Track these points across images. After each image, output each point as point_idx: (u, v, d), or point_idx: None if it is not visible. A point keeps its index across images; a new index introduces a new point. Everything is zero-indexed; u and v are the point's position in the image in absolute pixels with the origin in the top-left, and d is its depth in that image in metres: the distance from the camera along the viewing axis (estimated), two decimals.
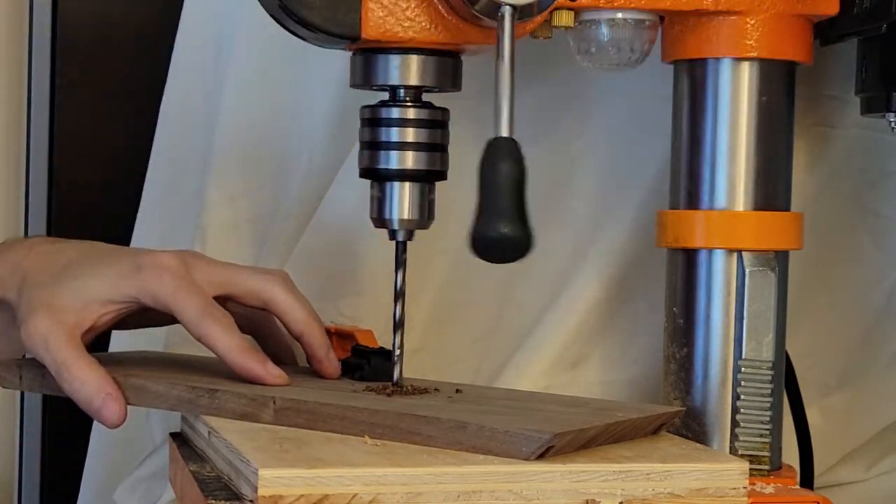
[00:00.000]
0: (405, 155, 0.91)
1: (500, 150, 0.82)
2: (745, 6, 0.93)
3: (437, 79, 0.92)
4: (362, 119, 0.92)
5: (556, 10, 0.92)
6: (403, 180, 0.91)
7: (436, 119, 0.92)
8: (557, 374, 1.14)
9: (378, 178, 0.92)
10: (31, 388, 0.96)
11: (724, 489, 0.81)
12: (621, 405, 0.94)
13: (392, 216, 0.92)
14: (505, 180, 0.81)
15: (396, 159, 0.91)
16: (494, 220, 0.80)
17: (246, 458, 0.77)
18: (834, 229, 1.14)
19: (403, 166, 0.91)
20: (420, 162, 0.91)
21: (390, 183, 0.91)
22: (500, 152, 0.82)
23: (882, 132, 1.08)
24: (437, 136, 0.92)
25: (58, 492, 1.32)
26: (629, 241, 1.13)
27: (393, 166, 0.91)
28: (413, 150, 0.91)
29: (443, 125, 0.92)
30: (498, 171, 0.81)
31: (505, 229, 0.80)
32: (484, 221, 0.81)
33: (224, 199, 1.18)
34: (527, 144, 1.14)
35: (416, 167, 0.91)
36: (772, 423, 0.96)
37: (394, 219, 0.92)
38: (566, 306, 1.13)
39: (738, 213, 0.96)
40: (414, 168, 0.91)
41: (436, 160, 0.92)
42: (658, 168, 1.10)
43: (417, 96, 0.92)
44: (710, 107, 0.96)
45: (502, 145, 0.82)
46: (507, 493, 0.77)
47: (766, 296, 0.95)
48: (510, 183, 0.81)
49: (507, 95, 0.83)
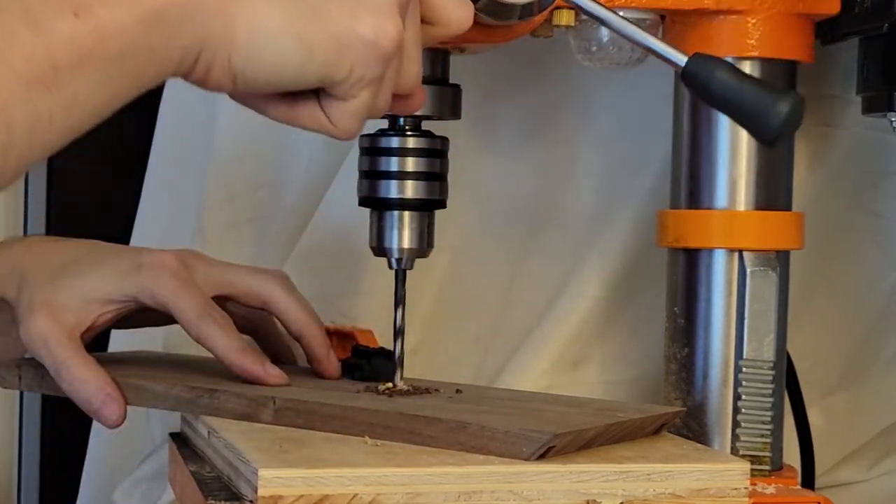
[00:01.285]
0: (405, 184, 0.91)
1: (708, 63, 0.80)
2: (747, 5, 0.93)
3: (437, 108, 0.92)
4: (361, 148, 0.93)
5: (556, 10, 0.92)
6: (403, 209, 0.91)
7: (435, 148, 0.92)
8: (559, 374, 1.14)
9: (378, 207, 0.92)
10: (31, 387, 0.96)
11: (725, 489, 0.81)
12: (622, 405, 0.93)
13: (392, 245, 0.92)
14: (737, 77, 0.80)
15: (396, 188, 0.91)
16: (776, 99, 0.78)
17: (246, 458, 0.77)
18: (834, 229, 1.14)
19: (403, 195, 0.91)
20: (420, 191, 0.91)
21: (390, 212, 0.92)
22: (710, 65, 0.80)
23: (883, 132, 1.08)
24: (436, 166, 0.92)
25: (57, 492, 1.32)
26: (630, 241, 1.13)
27: (393, 195, 0.91)
28: (413, 179, 0.91)
29: (442, 154, 0.93)
30: (736, 74, 0.80)
31: (786, 106, 0.78)
32: (770, 103, 0.78)
33: (223, 200, 1.18)
34: (527, 144, 1.15)
35: (416, 196, 0.91)
36: (773, 423, 0.96)
37: (394, 248, 0.92)
38: (567, 306, 1.13)
39: (738, 213, 0.96)
40: (414, 197, 0.91)
41: (435, 189, 0.92)
42: (658, 168, 1.10)
43: (417, 125, 0.92)
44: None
45: (707, 60, 0.80)
46: (508, 493, 0.77)
47: (766, 296, 0.95)
48: (741, 76, 0.80)
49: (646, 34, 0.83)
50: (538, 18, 0.90)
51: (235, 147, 1.17)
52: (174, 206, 1.23)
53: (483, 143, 1.14)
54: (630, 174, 1.13)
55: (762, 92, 0.79)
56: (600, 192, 1.14)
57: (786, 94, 0.78)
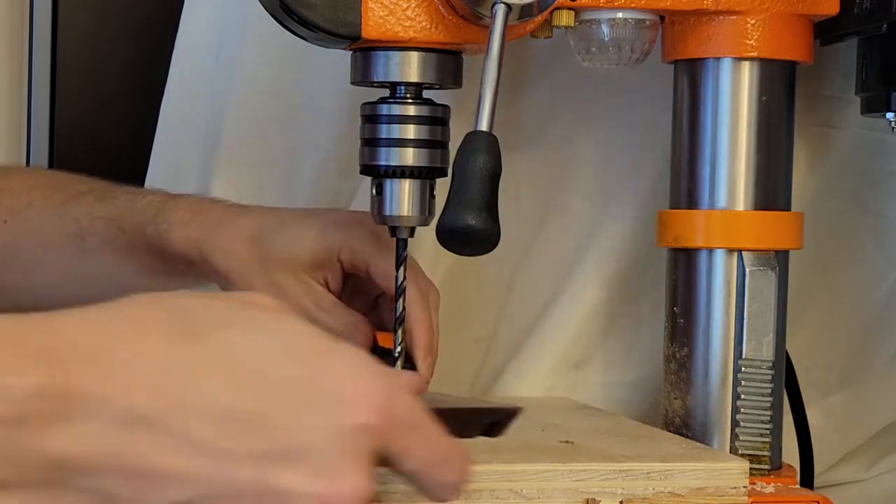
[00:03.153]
0: (405, 151, 0.91)
1: (477, 143, 0.82)
2: (746, 6, 0.93)
3: (438, 76, 0.91)
4: (362, 116, 0.92)
5: (556, 10, 0.92)
6: (403, 177, 0.91)
7: (436, 116, 0.91)
8: (560, 376, 1.14)
9: (378, 175, 0.92)
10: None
11: (724, 488, 0.81)
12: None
13: (393, 213, 0.92)
14: (478, 172, 0.80)
15: (396, 156, 0.91)
16: (462, 211, 0.80)
17: None
18: (834, 229, 1.14)
19: (403, 163, 0.91)
20: (420, 158, 0.91)
21: (390, 180, 0.91)
22: (477, 145, 0.81)
23: (882, 132, 1.08)
24: (437, 133, 0.91)
25: None
26: (629, 241, 1.13)
27: (393, 163, 0.91)
28: (413, 146, 0.91)
29: (443, 122, 0.92)
30: (472, 163, 0.81)
31: (472, 220, 0.80)
32: (451, 211, 0.80)
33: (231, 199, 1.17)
34: (527, 144, 1.15)
35: (416, 164, 0.91)
36: (772, 422, 0.96)
37: (394, 216, 0.92)
38: (567, 306, 1.13)
39: (738, 213, 0.96)
40: (414, 164, 0.91)
41: (436, 157, 0.91)
42: (658, 168, 1.10)
43: (418, 93, 0.92)
44: (710, 107, 0.96)
45: (480, 139, 0.82)
46: (508, 492, 0.77)
47: (766, 295, 0.95)
48: (483, 175, 0.80)
49: (490, 90, 0.83)
50: (538, 19, 0.90)
51: (242, 147, 1.17)
52: None
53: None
54: (630, 174, 1.13)
55: (471, 192, 0.80)
56: (600, 192, 1.15)
57: (482, 215, 0.80)
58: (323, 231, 0.95)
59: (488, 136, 0.82)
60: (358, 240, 0.95)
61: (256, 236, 0.96)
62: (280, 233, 0.95)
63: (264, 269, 0.95)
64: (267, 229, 0.96)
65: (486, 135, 0.82)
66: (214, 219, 0.97)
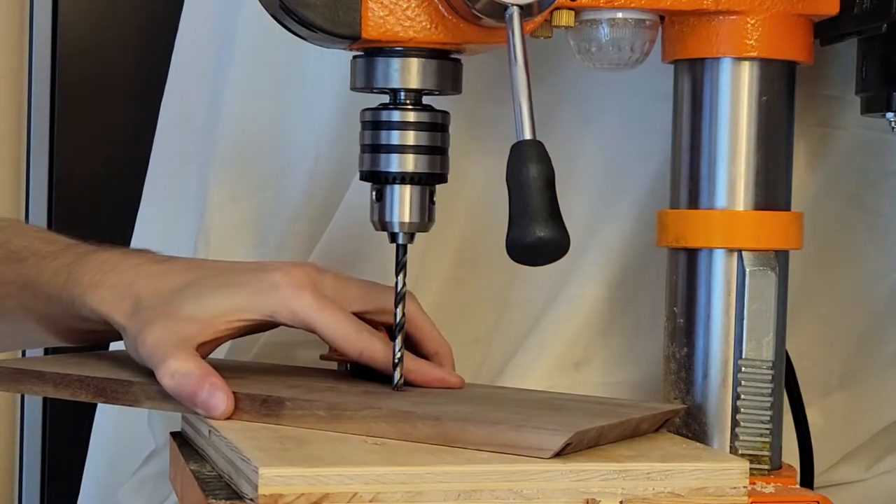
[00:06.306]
0: (406, 158, 0.91)
1: (528, 153, 0.82)
2: (746, 6, 0.94)
3: (438, 82, 0.92)
4: (363, 122, 0.93)
5: (556, 10, 0.92)
6: (404, 183, 0.92)
7: (436, 122, 0.92)
8: (560, 376, 1.14)
9: (379, 182, 0.92)
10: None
11: (724, 488, 0.81)
12: (624, 402, 0.94)
13: (393, 219, 0.92)
14: (534, 182, 0.81)
15: (397, 162, 0.91)
16: (529, 225, 0.80)
17: (246, 456, 0.77)
18: (834, 229, 1.14)
19: (404, 169, 0.91)
20: (421, 165, 0.91)
21: (391, 186, 0.92)
22: (528, 155, 0.82)
23: (882, 132, 1.08)
24: (437, 140, 0.92)
25: (58, 492, 1.32)
26: (629, 241, 1.13)
27: (393, 169, 0.91)
28: (413, 153, 0.91)
29: (443, 128, 0.92)
30: (526, 174, 0.81)
31: (541, 233, 0.80)
32: (519, 227, 0.80)
33: (227, 201, 1.18)
34: None
35: (417, 170, 0.91)
36: (772, 422, 0.96)
37: (394, 221, 0.92)
38: (567, 306, 1.13)
39: (738, 213, 0.96)
40: (414, 171, 0.91)
41: (436, 163, 0.92)
42: (658, 168, 1.10)
43: (418, 99, 0.92)
44: (710, 107, 0.96)
45: (528, 147, 0.82)
46: (508, 492, 0.77)
47: (766, 295, 0.95)
48: (539, 185, 0.81)
49: (525, 97, 0.84)
50: (538, 19, 0.90)
51: (238, 148, 1.17)
52: (174, 206, 1.23)
53: (482, 144, 1.14)
54: (630, 174, 1.13)
55: (533, 204, 0.80)
56: (600, 192, 1.14)
57: (549, 225, 0.80)
58: (234, 311, 0.93)
59: (535, 143, 0.82)
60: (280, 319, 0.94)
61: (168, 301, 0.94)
62: (192, 303, 0.93)
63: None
64: (179, 296, 0.94)
65: (533, 142, 0.82)
66: (125, 280, 0.95)
